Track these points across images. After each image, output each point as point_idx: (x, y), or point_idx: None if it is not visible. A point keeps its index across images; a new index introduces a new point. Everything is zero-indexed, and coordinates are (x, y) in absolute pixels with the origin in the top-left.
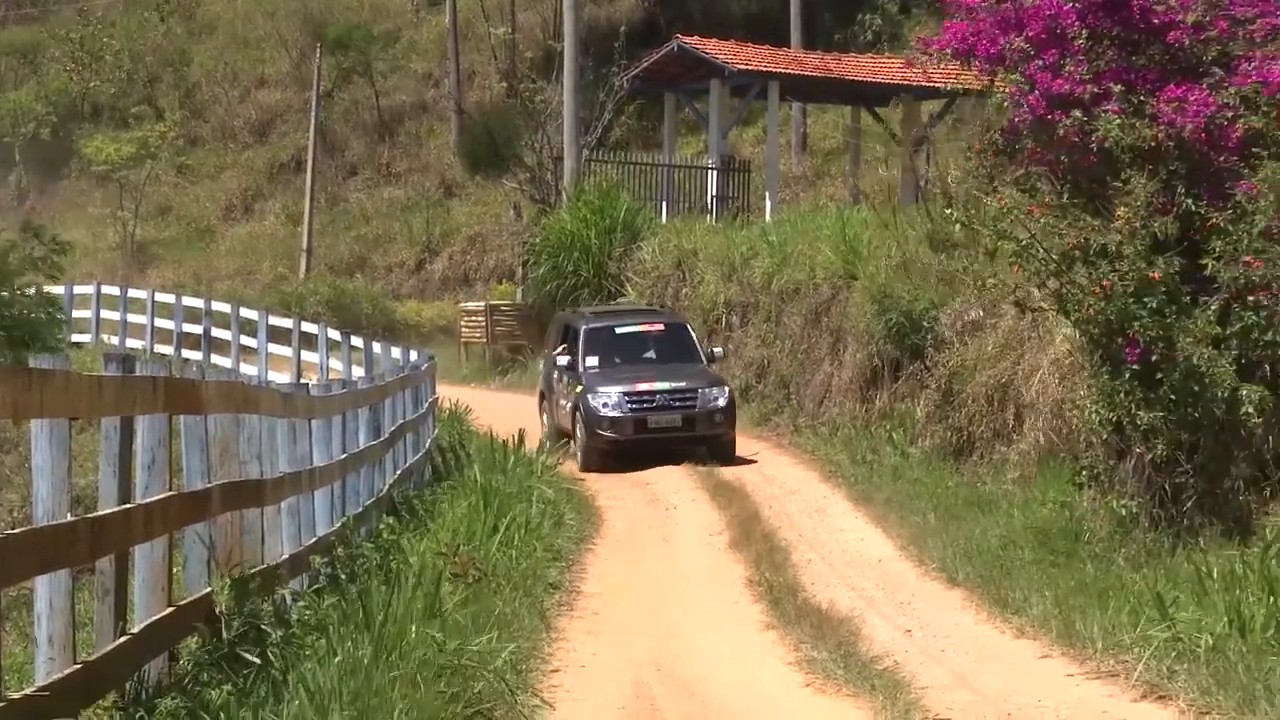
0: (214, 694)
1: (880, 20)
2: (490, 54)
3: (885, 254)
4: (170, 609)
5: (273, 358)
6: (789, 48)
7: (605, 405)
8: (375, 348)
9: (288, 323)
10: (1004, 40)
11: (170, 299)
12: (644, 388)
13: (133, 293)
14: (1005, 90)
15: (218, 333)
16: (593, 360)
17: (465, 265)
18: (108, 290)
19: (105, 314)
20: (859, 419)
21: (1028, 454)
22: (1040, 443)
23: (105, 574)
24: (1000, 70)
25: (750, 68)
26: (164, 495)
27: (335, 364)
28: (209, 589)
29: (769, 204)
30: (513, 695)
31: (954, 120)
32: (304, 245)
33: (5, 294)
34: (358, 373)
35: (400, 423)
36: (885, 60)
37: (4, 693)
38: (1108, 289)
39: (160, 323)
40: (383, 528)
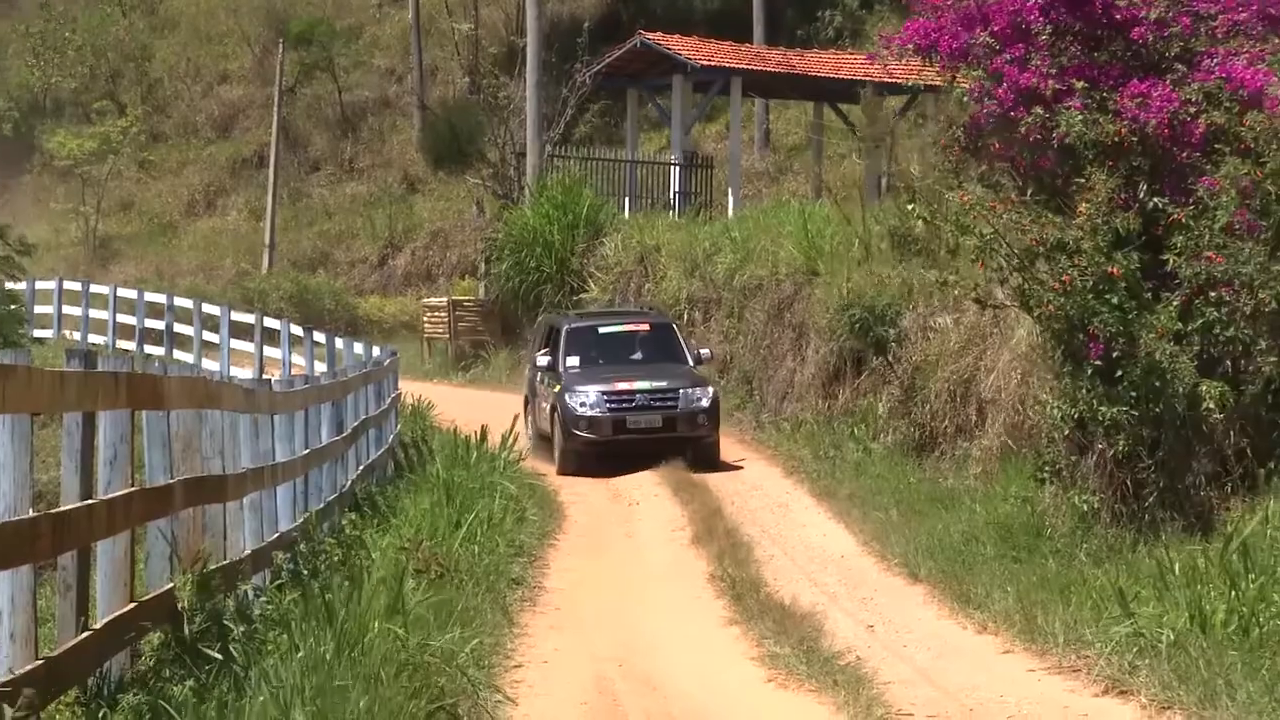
0: (176, 689)
1: (841, 16)
2: (453, 49)
3: (847, 250)
4: (132, 605)
5: (235, 353)
6: (752, 44)
7: (583, 405)
8: (338, 343)
9: (250, 318)
10: (967, 36)
11: (133, 294)
12: (623, 387)
13: (95, 288)
14: (967, 86)
15: (180, 328)
16: (574, 360)
17: (428, 261)
18: (70, 286)
19: (67, 309)
20: (822, 415)
21: (990, 449)
22: (1002, 438)
23: (67, 570)
24: (962, 66)
25: (713, 63)
26: (126, 491)
27: (298, 359)
28: (171, 585)
29: (731, 200)
30: (476, 690)
31: (916, 116)
32: (266, 241)
33: None
34: (320, 368)
35: (363, 418)
36: (848, 56)
37: None
38: (1068, 284)
39: (122, 318)
40: (345, 523)
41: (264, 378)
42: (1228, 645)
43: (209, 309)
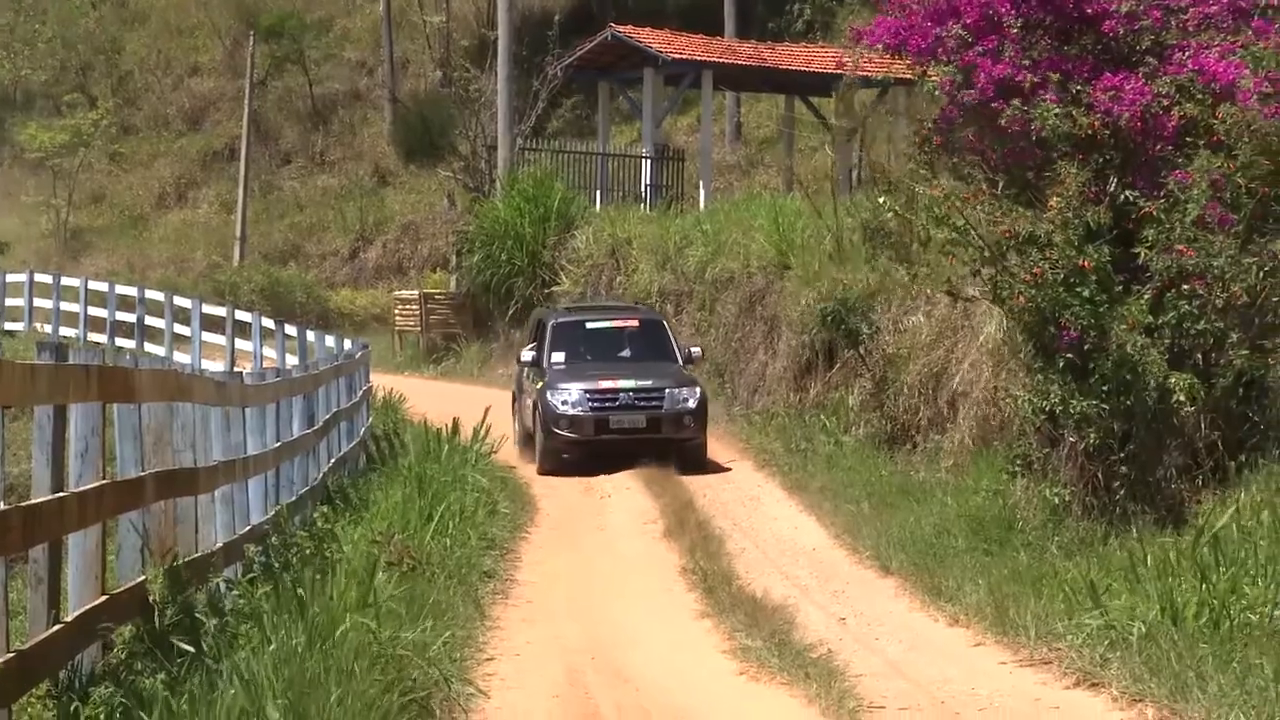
0: (148, 683)
1: (811, 9)
2: (424, 42)
3: (819, 243)
4: (104, 597)
5: (206, 346)
6: (723, 37)
7: (565, 403)
8: (309, 336)
9: (221, 311)
10: (938, 30)
11: (104, 287)
12: (607, 385)
13: (66, 280)
14: (937, 81)
15: (151, 321)
16: (559, 356)
17: (399, 254)
18: (41, 278)
19: (38, 302)
20: (793, 408)
21: (961, 442)
22: (974, 431)
23: (38, 562)
24: (932, 62)
25: (684, 56)
26: (98, 484)
27: (269, 352)
28: (143, 577)
29: (703, 192)
30: (448, 683)
31: (886, 111)
32: (238, 233)
33: None
34: (292, 361)
35: (334, 411)
36: (819, 49)
37: None
38: (1039, 277)
39: (94, 311)
40: (317, 516)
41: (235, 370)
42: (1199, 638)
43: (180, 302)
